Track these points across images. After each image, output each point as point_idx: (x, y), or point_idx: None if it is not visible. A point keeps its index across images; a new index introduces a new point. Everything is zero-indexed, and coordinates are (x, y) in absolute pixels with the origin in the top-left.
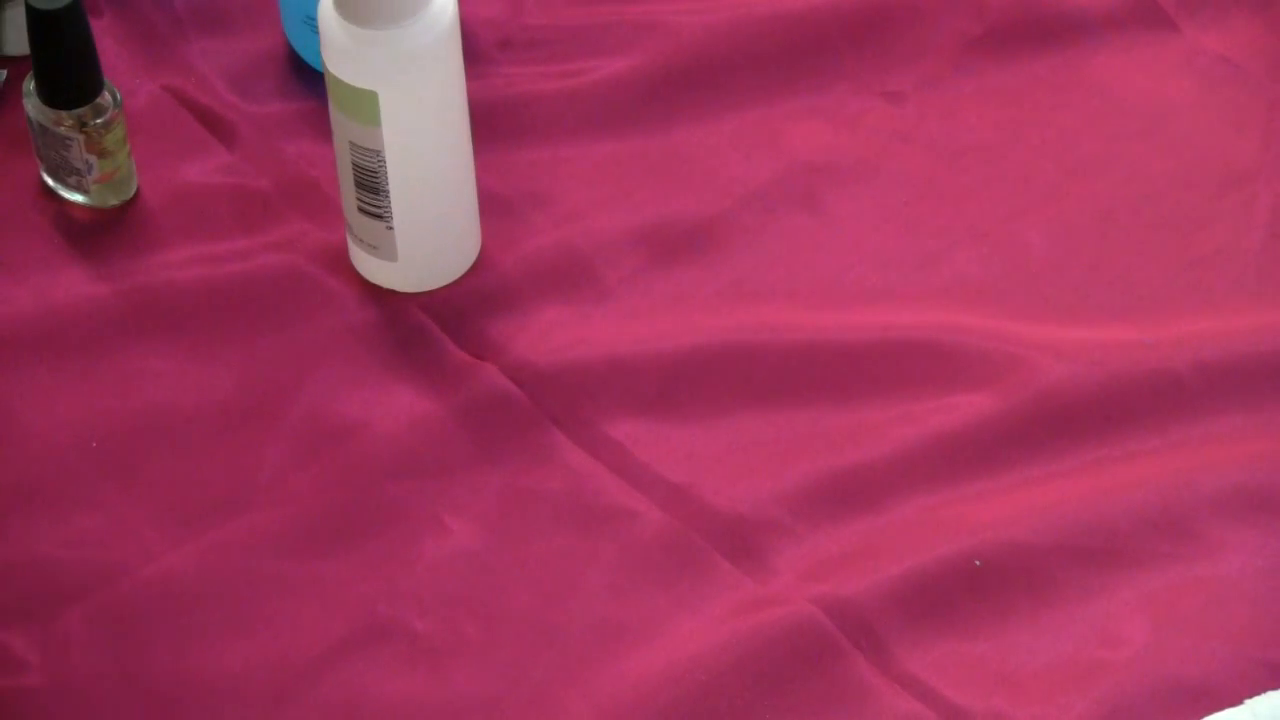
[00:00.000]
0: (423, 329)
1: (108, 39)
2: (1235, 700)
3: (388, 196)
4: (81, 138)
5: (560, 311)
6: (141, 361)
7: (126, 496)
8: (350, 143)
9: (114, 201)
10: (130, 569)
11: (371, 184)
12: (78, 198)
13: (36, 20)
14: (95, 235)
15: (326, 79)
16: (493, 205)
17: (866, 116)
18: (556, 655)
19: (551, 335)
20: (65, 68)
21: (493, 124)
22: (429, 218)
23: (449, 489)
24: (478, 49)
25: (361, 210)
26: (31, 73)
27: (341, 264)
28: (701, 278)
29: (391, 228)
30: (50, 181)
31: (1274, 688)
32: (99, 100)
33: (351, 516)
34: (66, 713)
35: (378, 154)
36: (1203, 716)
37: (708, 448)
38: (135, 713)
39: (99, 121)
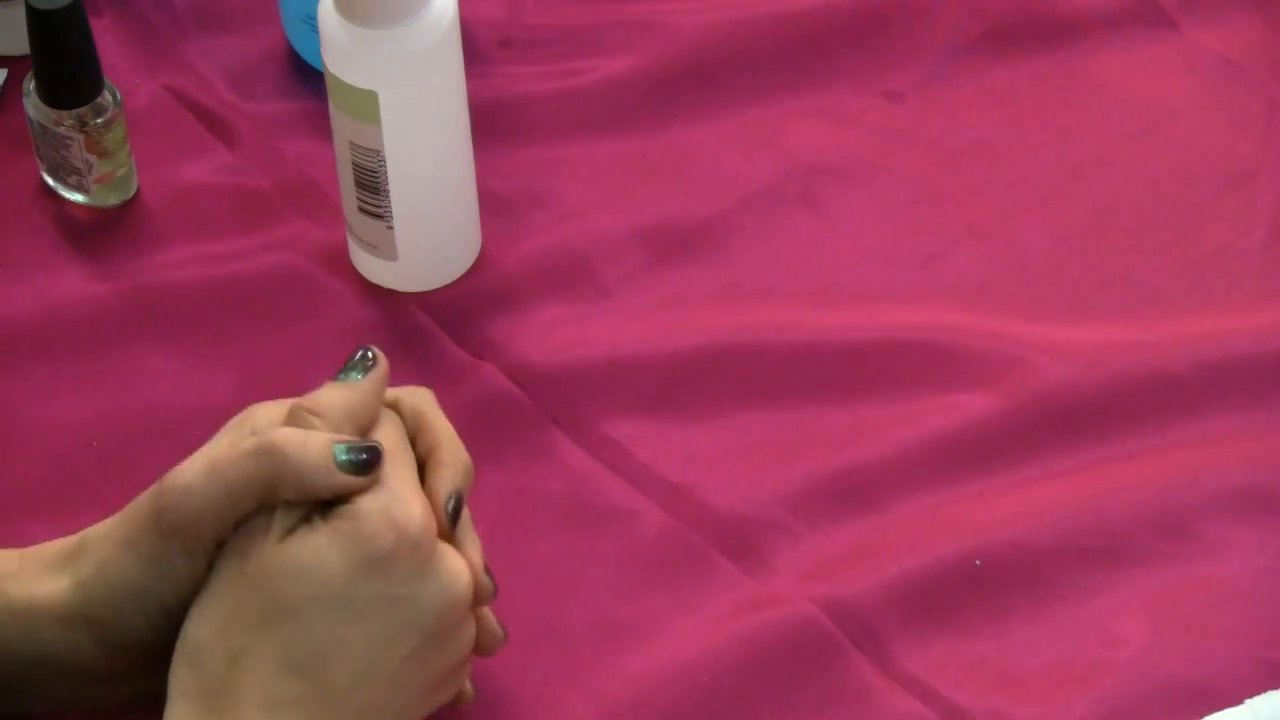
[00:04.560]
0: (423, 329)
1: (108, 39)
2: (1235, 700)
3: (388, 196)
4: (81, 138)
5: (560, 311)
6: (141, 361)
7: (126, 496)
8: (350, 143)
9: (114, 201)
10: None
11: (371, 184)
12: (78, 198)
13: (36, 20)
14: (95, 235)
15: (326, 79)
16: (493, 205)
17: (866, 116)
18: (556, 655)
19: (551, 335)
20: (65, 68)
21: (493, 124)
22: (429, 217)
23: None
24: (478, 49)
25: (361, 210)
26: (31, 73)
27: (341, 264)
28: (701, 278)
29: (391, 227)
30: (50, 181)
31: (1274, 688)
32: (99, 100)
33: None
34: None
35: (378, 154)
36: (1203, 716)
37: (708, 448)
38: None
39: (99, 121)
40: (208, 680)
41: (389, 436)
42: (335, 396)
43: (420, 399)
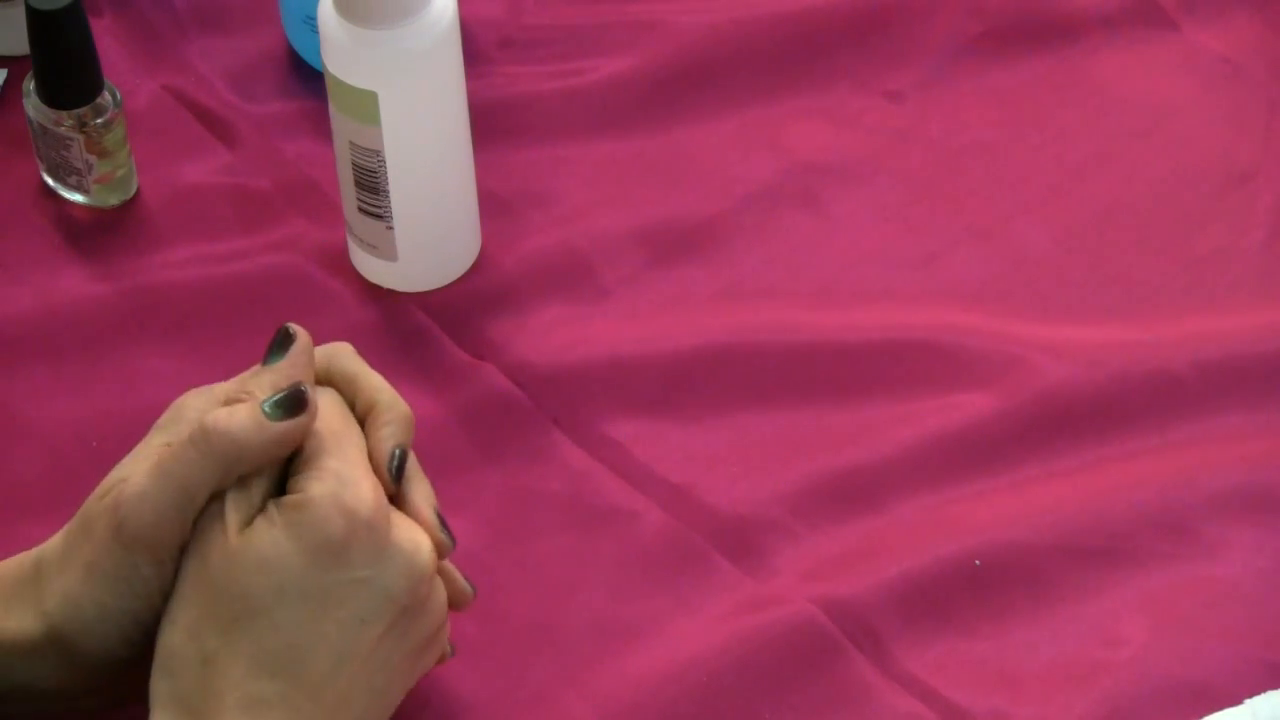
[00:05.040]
0: (423, 329)
1: (108, 39)
2: (1235, 700)
3: (388, 196)
4: (81, 138)
5: (560, 311)
6: (141, 361)
7: None
8: (350, 143)
9: (114, 201)
10: None
11: (371, 184)
12: (78, 198)
13: (36, 20)
14: (95, 235)
15: (326, 79)
16: (493, 205)
17: (866, 116)
18: (556, 655)
19: (551, 335)
20: (65, 68)
21: (493, 124)
22: (429, 218)
23: (449, 489)
24: (478, 49)
25: (361, 210)
26: (31, 73)
27: (341, 264)
28: (701, 278)
29: (391, 228)
30: (50, 181)
31: (1274, 688)
32: (99, 100)
33: None
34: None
35: (378, 154)
36: (1203, 716)
37: (708, 448)
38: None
39: (99, 121)
40: (185, 687)
41: (330, 414)
42: (262, 379)
43: (346, 361)
